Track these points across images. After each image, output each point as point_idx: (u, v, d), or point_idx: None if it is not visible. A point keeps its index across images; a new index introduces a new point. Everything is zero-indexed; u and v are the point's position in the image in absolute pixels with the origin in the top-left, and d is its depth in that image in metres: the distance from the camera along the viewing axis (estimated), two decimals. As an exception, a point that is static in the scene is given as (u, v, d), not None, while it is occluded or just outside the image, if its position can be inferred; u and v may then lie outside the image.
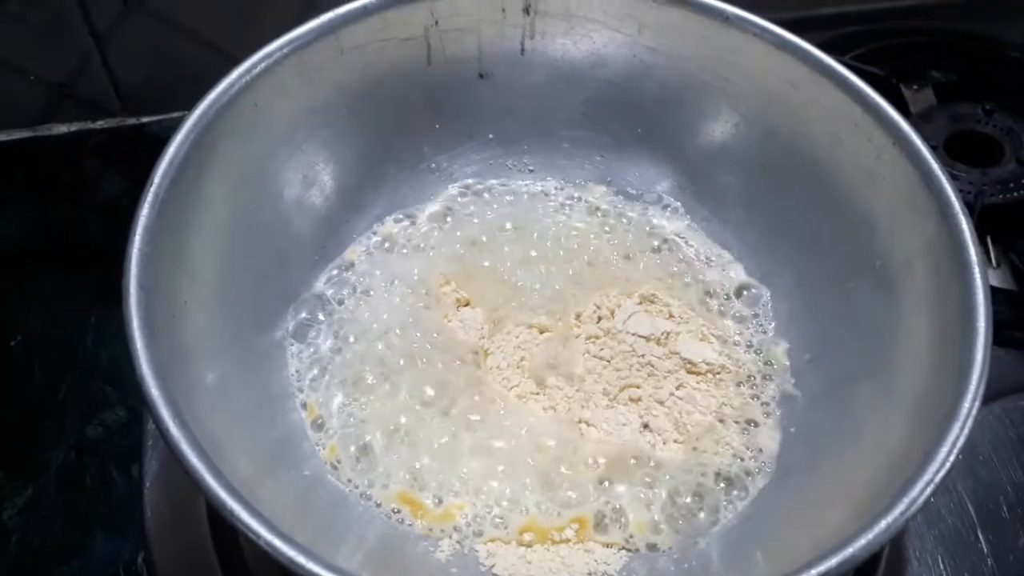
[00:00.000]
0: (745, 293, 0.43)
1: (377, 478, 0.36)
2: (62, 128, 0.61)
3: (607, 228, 0.45)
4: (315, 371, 0.39)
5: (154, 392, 0.28)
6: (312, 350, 0.40)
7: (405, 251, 0.44)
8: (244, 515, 0.26)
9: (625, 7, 0.42)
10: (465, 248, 0.44)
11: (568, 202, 0.46)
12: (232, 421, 0.33)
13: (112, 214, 0.57)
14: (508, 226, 0.45)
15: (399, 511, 0.36)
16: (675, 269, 0.44)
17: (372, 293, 0.42)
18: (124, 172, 0.59)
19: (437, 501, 0.36)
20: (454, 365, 0.39)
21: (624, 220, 0.45)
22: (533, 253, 0.44)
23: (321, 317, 0.41)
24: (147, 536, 0.38)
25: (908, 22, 0.63)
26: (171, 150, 0.34)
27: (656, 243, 0.44)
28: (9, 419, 0.48)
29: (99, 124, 0.61)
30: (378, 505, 0.36)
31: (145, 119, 0.61)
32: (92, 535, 0.44)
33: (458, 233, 0.44)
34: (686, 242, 0.45)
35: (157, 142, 0.34)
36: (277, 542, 0.25)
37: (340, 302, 0.42)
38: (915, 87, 0.58)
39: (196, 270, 0.35)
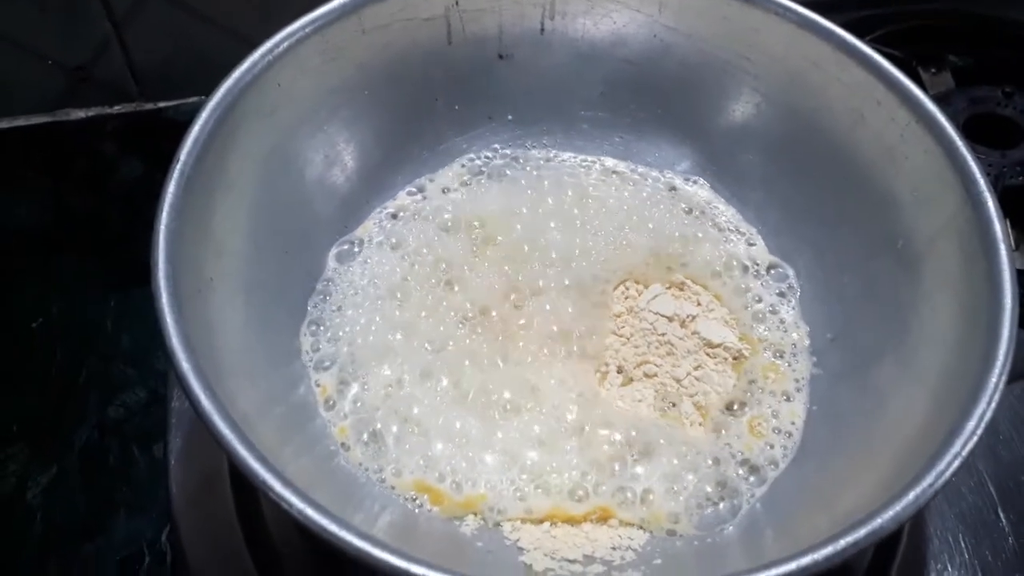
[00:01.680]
0: (773, 271, 0.43)
1: (388, 463, 0.36)
2: (80, 113, 0.61)
3: (627, 192, 0.45)
4: (330, 349, 0.39)
5: (184, 365, 0.28)
6: (327, 327, 0.40)
7: (420, 224, 0.43)
8: (277, 485, 0.26)
9: (645, -14, 0.42)
10: (482, 217, 0.44)
11: (583, 166, 0.46)
12: (255, 395, 0.33)
13: (130, 198, 0.57)
14: (528, 191, 0.45)
15: (416, 498, 0.36)
16: (703, 234, 0.43)
17: (388, 269, 0.42)
18: (142, 157, 0.59)
19: (455, 488, 0.36)
20: (470, 343, 0.39)
21: (648, 184, 0.45)
22: (552, 220, 0.43)
23: (337, 294, 0.41)
24: (173, 512, 0.39)
25: (926, 5, 0.63)
26: (196, 128, 0.34)
27: (685, 206, 0.44)
28: (33, 400, 0.48)
29: (117, 109, 0.61)
30: (392, 488, 0.36)
31: (163, 104, 0.61)
32: (115, 513, 0.44)
33: (475, 202, 0.44)
34: (714, 209, 0.45)
35: (175, 127, 0.35)
36: (309, 510, 0.26)
37: (356, 279, 0.41)
38: (933, 70, 0.57)
39: (221, 247, 0.35)
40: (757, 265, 0.43)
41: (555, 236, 0.43)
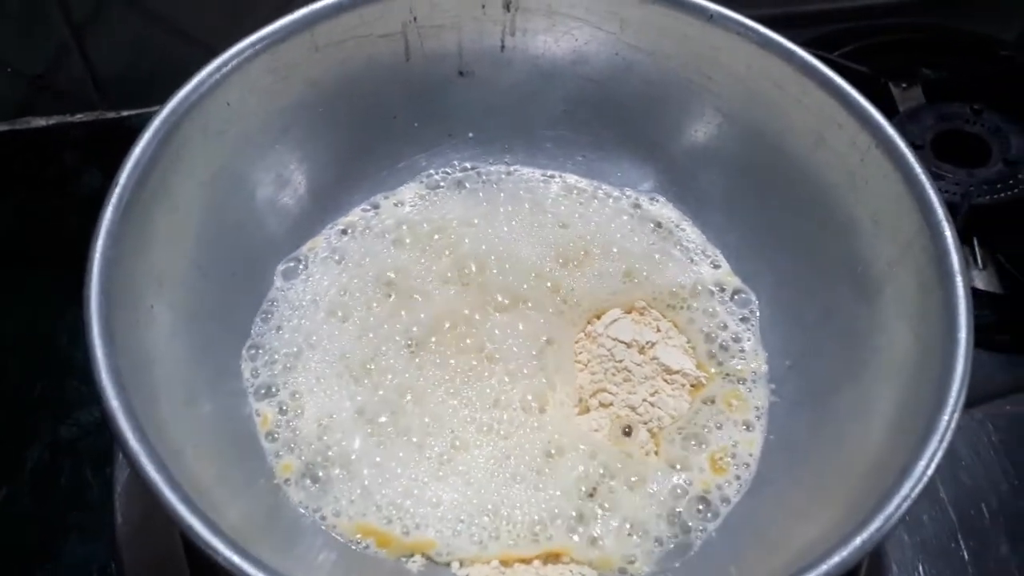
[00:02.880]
0: (737, 296, 0.42)
1: (329, 503, 0.35)
2: (40, 121, 0.60)
3: (591, 209, 0.44)
4: (270, 376, 0.38)
5: (113, 403, 0.27)
6: (266, 350, 0.39)
7: (369, 239, 0.42)
8: (203, 531, 0.25)
9: (608, 4, 0.41)
10: (435, 228, 0.43)
11: (544, 180, 0.45)
12: (195, 428, 0.32)
13: (91, 209, 0.55)
14: (484, 203, 0.44)
15: (361, 541, 0.34)
16: (667, 255, 0.43)
17: (330, 285, 0.41)
18: (104, 166, 0.58)
19: (403, 532, 0.34)
20: (415, 370, 0.38)
21: (610, 202, 0.45)
22: (508, 235, 0.43)
23: (278, 314, 0.40)
24: (117, 543, 0.38)
25: (897, 19, 0.62)
26: (137, 150, 0.33)
27: (649, 226, 0.44)
28: (-18, 418, 0.47)
29: (78, 117, 0.60)
30: (334, 527, 0.34)
31: (125, 112, 0.60)
32: (66, 537, 0.43)
33: (427, 214, 0.43)
34: (680, 230, 0.44)
35: (137, 135, 0.34)
36: (236, 559, 0.25)
37: (298, 297, 0.40)
38: (904, 85, 0.57)
39: (163, 274, 0.34)
40: (723, 290, 0.42)
41: (510, 252, 0.42)
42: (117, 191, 0.32)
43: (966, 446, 0.43)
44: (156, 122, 0.34)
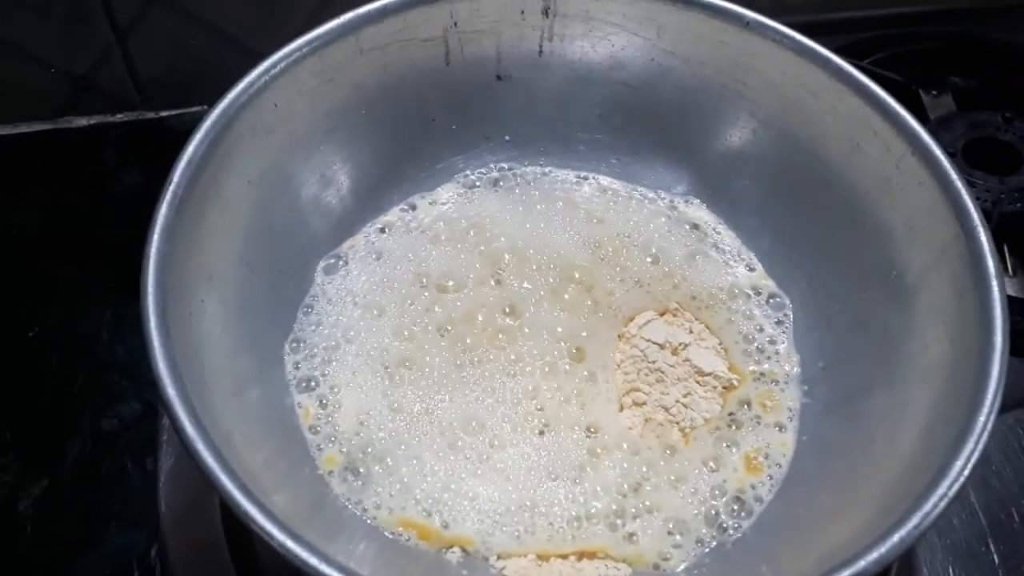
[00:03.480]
0: (772, 300, 0.42)
1: (371, 496, 0.35)
2: (82, 121, 0.61)
3: (629, 210, 0.45)
4: (311, 369, 0.39)
5: (170, 391, 0.28)
6: (307, 344, 0.39)
7: (407, 237, 0.43)
8: (258, 516, 0.26)
9: (644, 10, 0.42)
10: (471, 226, 0.44)
11: (578, 180, 0.46)
12: (243, 418, 0.33)
13: (130, 207, 0.56)
14: (520, 202, 0.45)
15: (402, 533, 0.35)
16: (702, 257, 0.43)
17: (368, 282, 0.41)
18: (142, 165, 0.59)
19: (443, 526, 0.35)
20: (451, 366, 0.39)
21: (646, 204, 0.45)
22: (543, 234, 0.43)
23: (319, 309, 0.41)
24: (161, 530, 0.39)
25: (928, 27, 0.62)
26: (190, 149, 0.34)
27: (685, 227, 0.44)
28: (26, 410, 0.48)
29: (119, 117, 0.61)
30: (375, 519, 0.35)
31: (164, 113, 0.62)
32: (106, 527, 0.44)
33: (464, 212, 0.44)
34: (715, 233, 0.44)
35: (176, 136, 0.35)
36: (289, 543, 0.26)
37: (338, 294, 0.41)
38: (934, 93, 0.57)
39: (213, 269, 0.35)
40: (759, 293, 0.43)
41: (546, 249, 0.43)
42: (171, 188, 0.33)
43: (997, 451, 0.43)
44: (208, 122, 0.35)
